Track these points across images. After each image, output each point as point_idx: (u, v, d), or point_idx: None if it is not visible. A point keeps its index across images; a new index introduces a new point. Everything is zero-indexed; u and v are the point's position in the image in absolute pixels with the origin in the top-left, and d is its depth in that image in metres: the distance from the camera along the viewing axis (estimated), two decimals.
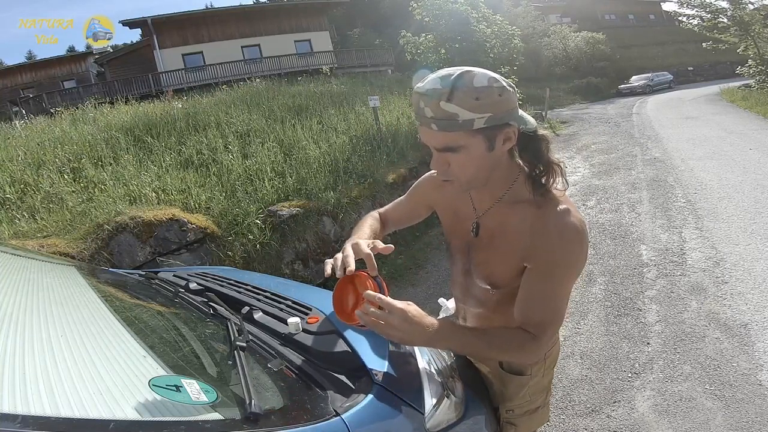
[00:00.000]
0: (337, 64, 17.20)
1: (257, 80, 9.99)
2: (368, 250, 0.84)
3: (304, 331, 0.96)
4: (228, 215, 3.56)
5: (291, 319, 0.97)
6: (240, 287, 1.29)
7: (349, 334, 0.92)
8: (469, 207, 0.92)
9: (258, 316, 1.05)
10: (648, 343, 2.30)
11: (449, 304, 1.28)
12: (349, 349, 0.88)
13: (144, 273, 1.53)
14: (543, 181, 0.80)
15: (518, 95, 0.77)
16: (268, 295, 1.20)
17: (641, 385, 2.02)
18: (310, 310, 1.07)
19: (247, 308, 1.09)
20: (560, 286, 0.80)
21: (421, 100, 0.72)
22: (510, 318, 0.86)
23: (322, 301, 1.14)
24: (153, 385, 0.56)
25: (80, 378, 0.57)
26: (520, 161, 0.84)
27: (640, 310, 2.61)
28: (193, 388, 0.58)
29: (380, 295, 0.75)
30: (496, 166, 0.80)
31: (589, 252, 0.87)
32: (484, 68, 0.74)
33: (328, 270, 0.86)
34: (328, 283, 3.58)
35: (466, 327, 0.92)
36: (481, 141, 0.73)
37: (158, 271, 1.62)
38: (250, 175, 4.26)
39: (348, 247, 0.87)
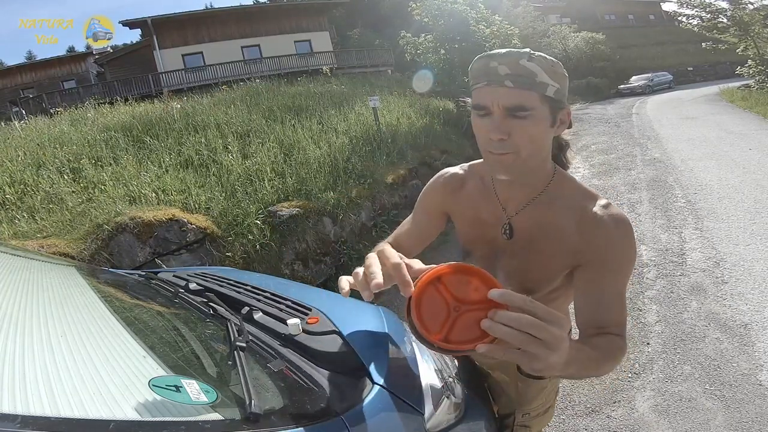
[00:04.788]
0: (337, 65, 17.20)
1: (257, 80, 9.99)
2: (398, 259, 0.62)
3: (304, 331, 0.96)
4: (228, 215, 3.56)
5: (291, 321, 0.97)
6: (240, 287, 1.29)
7: (349, 335, 0.92)
8: (496, 208, 0.83)
9: (258, 316, 1.05)
10: (648, 344, 2.30)
11: None
12: (349, 350, 0.88)
13: (144, 273, 1.53)
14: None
15: None
16: (268, 295, 1.20)
17: (641, 385, 2.02)
18: (310, 310, 1.07)
19: (246, 308, 1.09)
20: (625, 279, 0.75)
21: (492, 61, 0.69)
22: None
23: (322, 301, 1.14)
24: (153, 385, 0.56)
25: (80, 378, 0.57)
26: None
27: (640, 310, 2.61)
28: (192, 388, 0.58)
29: (520, 296, 0.51)
30: (546, 151, 0.76)
31: None
32: None
33: (346, 288, 0.72)
34: (327, 283, 3.58)
35: (575, 340, 0.68)
36: (547, 112, 0.70)
37: (158, 272, 1.62)
38: (250, 176, 4.26)
39: (371, 257, 0.68)
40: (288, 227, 3.61)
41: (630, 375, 2.09)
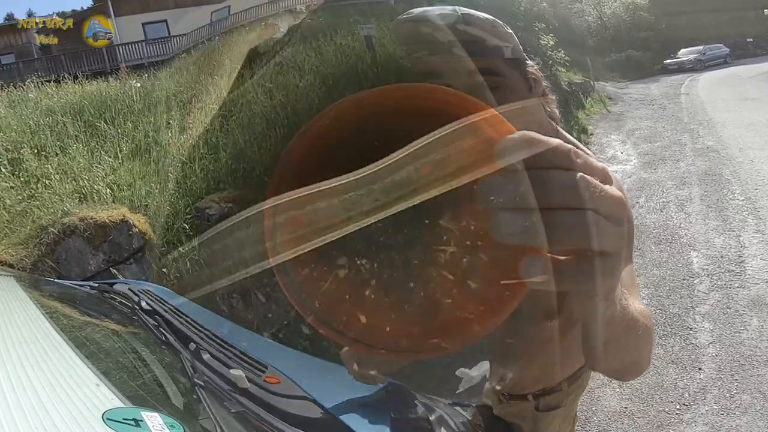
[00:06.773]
0: None
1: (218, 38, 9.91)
2: None
3: (264, 389, 0.92)
4: (160, 215, 3.55)
5: (234, 371, 0.93)
6: (182, 318, 1.21)
7: (327, 403, 0.90)
8: None
9: (206, 357, 0.99)
10: (700, 369, 2.31)
11: (473, 372, 1.26)
12: (331, 417, 0.86)
13: (96, 285, 1.53)
14: None
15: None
16: (211, 335, 1.13)
17: (692, 418, 2.02)
18: (266, 368, 1.02)
19: (194, 345, 1.03)
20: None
21: (423, 27, 0.63)
22: (572, 357, 0.84)
23: (276, 358, 1.09)
24: (107, 418, 0.56)
25: (20, 411, 0.57)
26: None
27: (691, 329, 2.62)
28: (155, 422, 0.58)
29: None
30: (540, 123, 0.69)
31: None
32: (516, 22, 0.70)
33: None
34: (282, 333, 3.17)
35: None
36: (519, 76, 0.68)
37: (113, 283, 1.61)
38: (182, 157, 4.24)
39: None
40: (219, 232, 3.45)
41: (678, 406, 2.09)
